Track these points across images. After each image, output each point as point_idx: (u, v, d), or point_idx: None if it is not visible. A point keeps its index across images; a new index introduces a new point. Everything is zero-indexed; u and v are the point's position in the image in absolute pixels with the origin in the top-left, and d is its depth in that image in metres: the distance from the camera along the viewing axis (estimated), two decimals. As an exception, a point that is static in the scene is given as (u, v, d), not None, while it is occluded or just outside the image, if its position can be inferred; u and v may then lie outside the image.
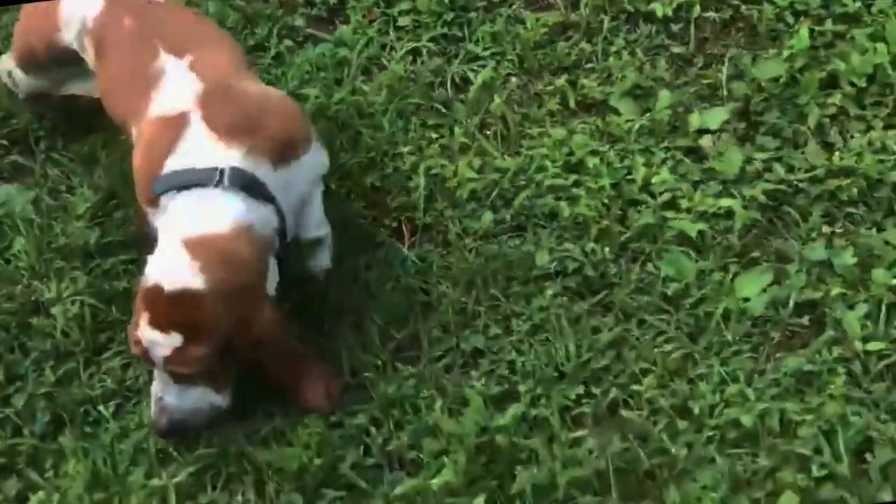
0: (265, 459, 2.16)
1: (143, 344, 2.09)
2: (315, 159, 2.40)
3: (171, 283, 2.08)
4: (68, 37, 2.56)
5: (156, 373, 2.16)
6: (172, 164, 2.21)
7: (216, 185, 2.15)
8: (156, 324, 2.07)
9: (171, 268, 2.09)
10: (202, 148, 2.21)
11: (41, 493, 2.16)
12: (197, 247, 2.09)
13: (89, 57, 2.54)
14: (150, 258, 2.17)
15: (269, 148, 2.24)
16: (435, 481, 2.08)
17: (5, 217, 2.69)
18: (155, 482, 2.15)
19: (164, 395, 2.13)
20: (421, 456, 2.15)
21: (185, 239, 2.10)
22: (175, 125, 2.25)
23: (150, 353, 2.10)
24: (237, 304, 2.08)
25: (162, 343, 2.07)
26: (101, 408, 2.30)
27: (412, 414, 2.22)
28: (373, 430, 2.20)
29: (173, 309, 2.06)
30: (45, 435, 2.28)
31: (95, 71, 2.53)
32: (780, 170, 2.58)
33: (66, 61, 2.63)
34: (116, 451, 2.22)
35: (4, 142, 2.90)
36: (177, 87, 2.32)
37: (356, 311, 2.41)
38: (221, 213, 2.14)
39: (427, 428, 2.18)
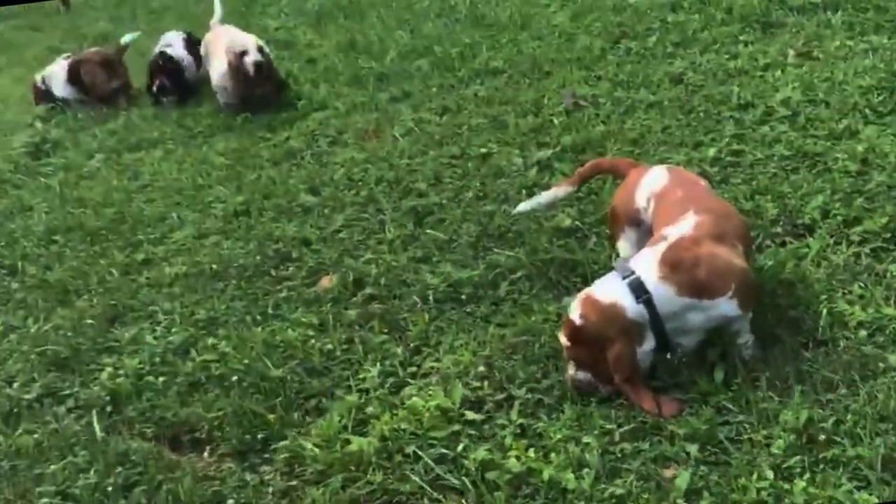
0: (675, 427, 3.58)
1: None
2: (719, 308, 3.63)
3: (569, 314, 3.70)
4: (640, 201, 4.12)
5: None
6: (637, 255, 3.79)
7: (623, 279, 3.64)
8: (563, 332, 3.73)
9: (572, 306, 3.71)
10: (649, 257, 3.68)
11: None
12: (587, 301, 3.67)
13: (650, 209, 4.06)
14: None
15: (680, 283, 3.59)
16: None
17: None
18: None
19: (572, 370, 3.75)
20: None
21: (587, 293, 3.70)
22: (659, 237, 3.78)
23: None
24: (595, 336, 3.62)
25: (563, 343, 3.73)
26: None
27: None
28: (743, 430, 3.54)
29: (566, 327, 3.70)
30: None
31: (643, 217, 4.09)
32: None
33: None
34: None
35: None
36: (682, 226, 3.75)
37: (748, 370, 3.73)
38: (610, 292, 3.64)
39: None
